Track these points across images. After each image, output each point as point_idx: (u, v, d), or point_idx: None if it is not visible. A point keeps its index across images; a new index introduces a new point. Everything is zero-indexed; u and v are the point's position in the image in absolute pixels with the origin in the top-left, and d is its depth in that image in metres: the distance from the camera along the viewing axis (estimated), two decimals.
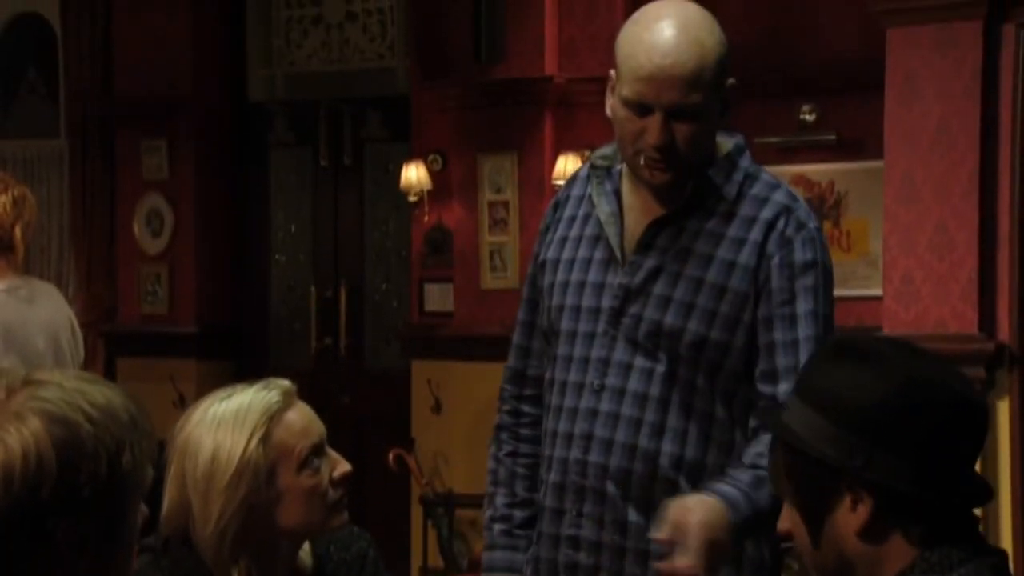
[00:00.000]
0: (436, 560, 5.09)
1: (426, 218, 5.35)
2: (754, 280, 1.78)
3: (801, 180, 5.00)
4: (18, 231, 3.20)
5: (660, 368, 1.79)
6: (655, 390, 1.79)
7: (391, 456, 5.05)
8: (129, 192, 5.86)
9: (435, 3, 5.23)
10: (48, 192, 6.16)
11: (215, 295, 5.87)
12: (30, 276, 3.44)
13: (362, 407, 5.67)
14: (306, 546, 1.79)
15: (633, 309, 1.82)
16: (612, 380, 1.82)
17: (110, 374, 5.86)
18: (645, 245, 1.83)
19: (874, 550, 1.28)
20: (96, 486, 1.09)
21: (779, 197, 1.83)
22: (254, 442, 1.67)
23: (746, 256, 1.79)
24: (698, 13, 1.79)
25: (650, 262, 1.82)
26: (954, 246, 3.97)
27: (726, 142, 1.86)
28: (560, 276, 1.89)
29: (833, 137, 4.84)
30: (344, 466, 1.73)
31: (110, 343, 5.85)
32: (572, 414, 1.84)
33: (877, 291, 4.39)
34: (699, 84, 1.74)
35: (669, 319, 1.79)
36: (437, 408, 5.27)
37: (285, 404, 1.73)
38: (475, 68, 5.17)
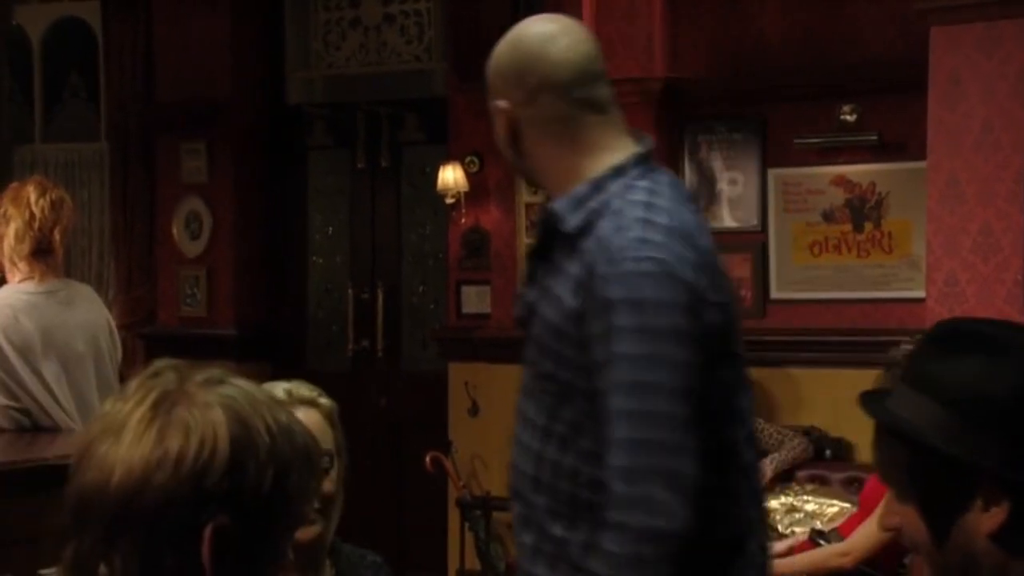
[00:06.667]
0: (473, 563, 5.07)
1: (463, 220, 5.34)
2: (577, 321, 1.72)
3: (842, 181, 4.95)
4: (57, 234, 3.22)
5: (544, 399, 1.80)
6: (539, 419, 1.81)
7: (428, 459, 5.04)
8: (168, 195, 5.90)
9: (472, 5, 5.22)
10: (89, 195, 6.21)
11: (253, 297, 5.89)
12: (69, 279, 3.46)
13: (399, 409, 5.67)
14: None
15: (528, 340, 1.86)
16: (522, 405, 1.85)
17: None
18: (529, 276, 1.85)
19: (1006, 553, 1.19)
20: (257, 495, 1.10)
21: (607, 230, 1.71)
22: None
23: (570, 296, 1.73)
24: (535, 24, 1.83)
25: (530, 296, 1.84)
26: (999, 248, 3.90)
27: (609, 161, 1.78)
28: None
29: (874, 138, 4.79)
30: None
31: (149, 345, 5.89)
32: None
33: (919, 293, 4.33)
34: (492, 88, 1.82)
35: (530, 355, 1.83)
36: (474, 410, 5.26)
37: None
38: None
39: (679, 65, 5.13)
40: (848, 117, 4.81)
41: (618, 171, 1.77)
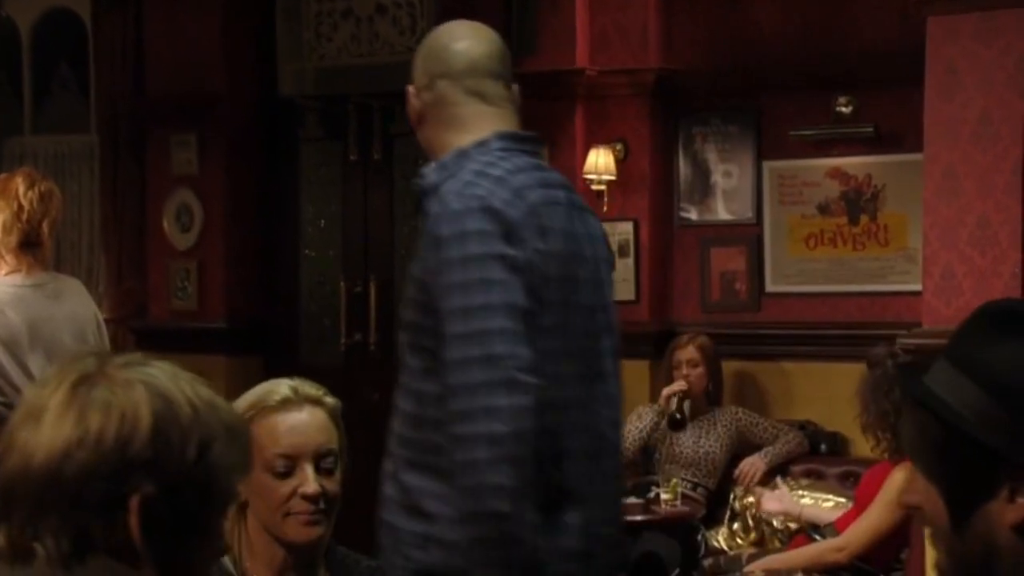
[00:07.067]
0: None
1: None
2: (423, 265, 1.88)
3: (837, 173, 4.92)
4: (45, 227, 3.20)
5: (404, 355, 1.93)
6: (402, 377, 1.94)
7: None
8: (159, 187, 5.85)
9: None
10: (79, 187, 6.17)
11: (245, 290, 5.85)
12: (57, 272, 3.43)
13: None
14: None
15: None
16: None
17: None
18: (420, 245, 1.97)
19: None
20: (182, 464, 1.11)
21: (448, 183, 1.90)
22: None
23: (421, 247, 1.90)
24: (450, 26, 2.11)
25: None
26: (996, 241, 3.88)
27: (471, 138, 1.96)
28: None
29: (870, 129, 4.76)
30: (308, 486, 1.76)
31: (140, 339, 5.84)
32: None
33: (916, 286, 4.31)
34: (411, 74, 2.06)
35: (402, 311, 1.96)
36: None
37: (284, 404, 1.77)
38: None
39: (674, 56, 5.10)
40: (844, 109, 4.79)
41: (480, 143, 1.95)
